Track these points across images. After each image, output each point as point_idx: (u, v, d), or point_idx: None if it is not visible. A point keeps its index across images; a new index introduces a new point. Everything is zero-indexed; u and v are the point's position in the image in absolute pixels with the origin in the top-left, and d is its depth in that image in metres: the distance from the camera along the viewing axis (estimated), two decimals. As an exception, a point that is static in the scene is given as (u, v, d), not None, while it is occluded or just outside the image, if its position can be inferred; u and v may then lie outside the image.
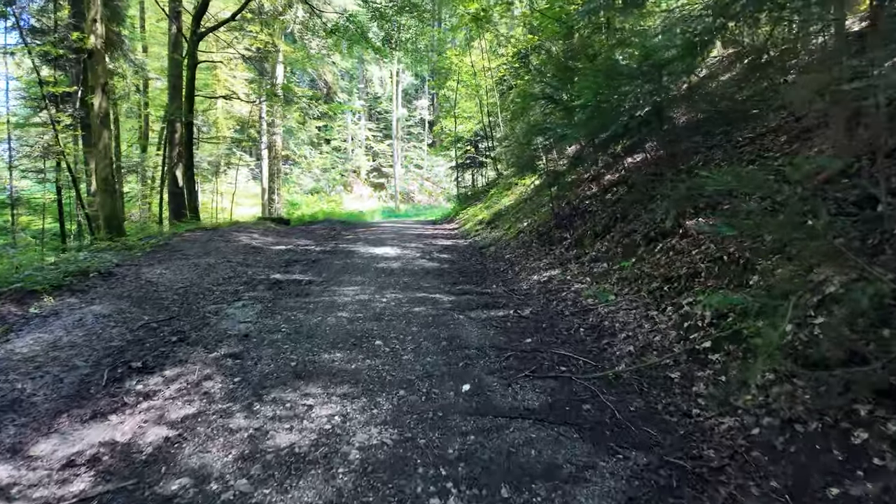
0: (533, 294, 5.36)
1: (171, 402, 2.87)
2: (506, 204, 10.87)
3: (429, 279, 6.26)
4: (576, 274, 5.51)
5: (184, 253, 7.26)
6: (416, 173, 38.10)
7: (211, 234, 9.34)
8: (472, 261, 7.61)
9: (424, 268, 6.98)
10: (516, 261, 6.96)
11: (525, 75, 10.21)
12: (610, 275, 5.05)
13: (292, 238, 10.03)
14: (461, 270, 6.84)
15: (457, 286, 5.91)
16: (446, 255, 8.11)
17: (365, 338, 3.94)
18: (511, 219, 9.44)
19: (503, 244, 8.23)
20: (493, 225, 10.05)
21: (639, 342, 3.65)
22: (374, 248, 8.66)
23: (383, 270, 6.72)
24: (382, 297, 5.31)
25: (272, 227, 11.27)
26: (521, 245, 7.66)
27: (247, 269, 6.55)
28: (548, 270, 5.96)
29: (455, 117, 18.25)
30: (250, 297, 5.26)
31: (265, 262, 7.19)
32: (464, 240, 10.04)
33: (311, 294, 5.41)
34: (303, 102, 19.04)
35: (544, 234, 7.44)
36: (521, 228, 8.37)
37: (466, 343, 3.85)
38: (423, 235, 11.07)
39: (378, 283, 5.99)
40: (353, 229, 12.70)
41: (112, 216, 12.29)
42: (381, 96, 38.44)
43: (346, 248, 8.82)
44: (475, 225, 11.13)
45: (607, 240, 5.84)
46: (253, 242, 8.84)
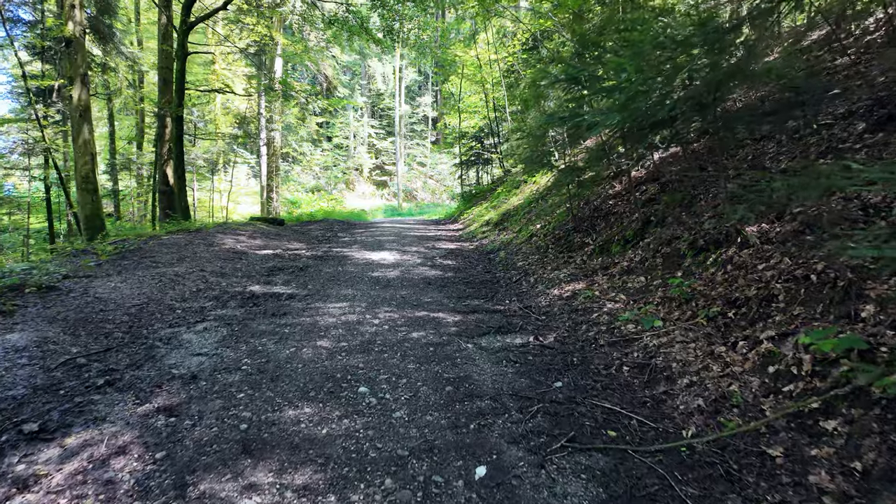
0: (555, 313, 4.41)
1: (53, 499, 1.94)
2: (515, 203, 9.91)
3: (431, 292, 5.32)
4: (605, 289, 4.55)
5: (154, 259, 6.35)
6: (420, 171, 37.14)
7: (193, 236, 8.43)
8: (479, 268, 6.66)
9: (426, 277, 6.04)
10: (531, 269, 6.01)
11: (535, 63, 9.23)
12: (650, 292, 4.09)
13: (283, 241, 9.11)
14: (468, 281, 5.91)
15: (463, 301, 4.97)
16: (450, 261, 7.17)
17: (346, 380, 3.00)
18: (521, 220, 8.49)
19: (514, 249, 7.28)
20: (501, 226, 9.10)
21: (709, 393, 2.70)
22: (371, 253, 7.72)
23: (378, 281, 5.79)
24: (375, 316, 4.37)
25: (263, 228, 10.35)
26: (535, 250, 6.71)
27: (221, 280, 5.63)
28: (570, 283, 5.00)
29: (459, 112, 17.29)
30: (216, 318, 4.33)
31: (245, 270, 6.27)
32: (469, 243, 9.10)
33: (289, 313, 4.48)
34: (301, 97, 18.08)
35: (561, 239, 6.49)
36: (533, 231, 7.42)
37: (478, 388, 2.91)
38: (426, 237, 10.13)
39: (371, 297, 5.05)
40: (351, 230, 11.77)
41: (93, 216, 11.41)
42: (384, 93, 37.44)
43: (339, 252, 7.89)
44: (482, 226, 10.18)
45: (641, 248, 4.88)
46: (237, 246, 7.92)
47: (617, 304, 4.14)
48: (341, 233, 11.04)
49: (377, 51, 29.55)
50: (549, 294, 4.96)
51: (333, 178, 30.54)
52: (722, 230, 4.05)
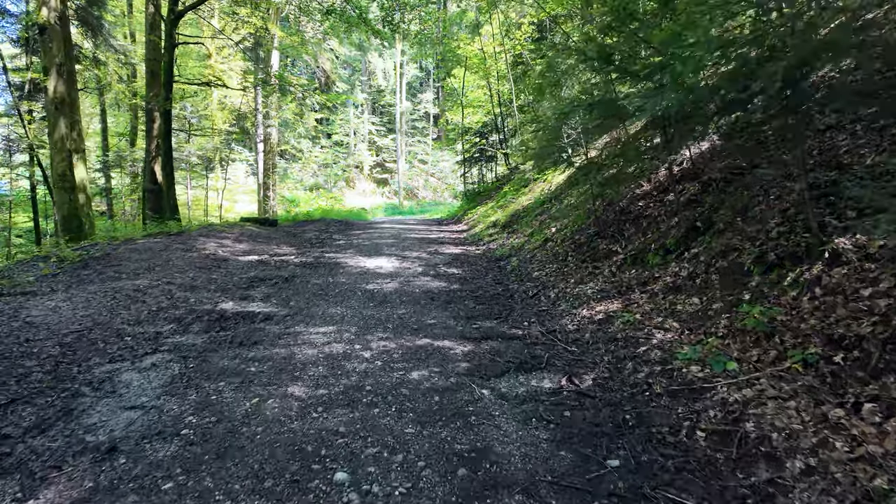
0: (588, 342, 3.54)
1: None
2: (524, 203, 9.04)
3: (434, 310, 4.45)
4: (648, 312, 3.68)
5: (118, 269, 5.50)
6: (421, 169, 36.24)
7: (173, 239, 7.58)
8: (488, 278, 5.79)
9: (428, 290, 5.17)
10: (550, 282, 5.14)
11: (546, 51, 8.34)
12: (710, 319, 3.23)
13: (271, 244, 8.25)
14: (477, 295, 5.04)
15: (473, 323, 4.11)
16: (456, 269, 6.30)
17: (319, 458, 2.14)
18: (533, 222, 7.61)
19: (527, 255, 6.41)
20: (510, 229, 8.23)
21: (842, 489, 1.83)
22: (367, 260, 6.85)
23: (374, 296, 4.92)
24: (366, 346, 3.51)
25: (252, 229, 9.49)
26: (552, 258, 5.84)
27: (190, 295, 4.77)
28: (601, 301, 4.14)
29: (462, 108, 16.38)
30: (172, 348, 3.48)
31: (221, 281, 5.41)
32: (475, 247, 8.22)
33: (262, 341, 3.62)
34: (298, 92, 17.18)
35: (583, 245, 5.62)
36: (548, 235, 6.54)
37: (504, 471, 2.05)
38: (428, 240, 9.26)
39: (363, 318, 4.19)
40: (347, 231, 10.90)
41: (71, 216, 10.57)
42: (385, 89, 36.50)
43: (332, 258, 7.02)
44: (488, 228, 9.31)
45: (688, 260, 4.01)
46: (219, 252, 7.07)
47: (668, 334, 3.27)
48: (337, 234, 10.17)
49: (377, 44, 28.65)
50: (576, 315, 4.09)
51: (333, 175, 29.65)
52: (800, 242, 3.18)
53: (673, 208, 4.88)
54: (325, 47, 19.54)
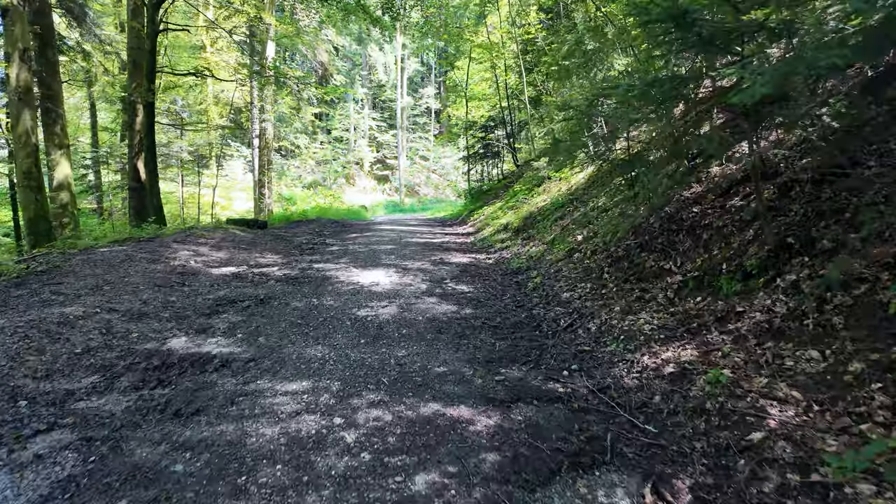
0: (661, 411, 2.49)
1: None
2: (538, 205, 7.96)
3: (443, 349, 3.40)
4: (741, 365, 2.62)
5: (58, 288, 4.44)
6: (422, 165, 35.12)
7: (141, 247, 6.53)
8: (506, 300, 4.73)
9: (435, 317, 4.11)
10: (586, 308, 4.07)
11: (566, 32, 7.24)
12: (853, 388, 2.17)
13: (254, 252, 7.18)
14: (496, 324, 3.98)
15: (496, 371, 3.05)
16: (466, 285, 5.23)
17: None
18: (553, 227, 6.55)
19: (550, 269, 5.34)
20: (525, 234, 7.16)
21: None
22: (362, 273, 5.79)
23: (366, 327, 3.86)
24: (350, 420, 2.45)
25: (236, 233, 8.43)
26: (583, 274, 4.77)
27: (134, 327, 3.71)
28: (666, 344, 3.07)
29: (467, 101, 15.26)
30: (78, 421, 2.43)
31: (180, 305, 4.35)
32: (486, 254, 7.15)
33: (207, 409, 2.57)
34: (293, 84, 16.06)
35: (623, 260, 4.54)
36: (574, 245, 5.48)
37: None
38: (431, 245, 8.19)
39: (350, 364, 3.13)
40: (344, 234, 9.84)
41: (38, 218, 9.45)
42: (386, 84, 35.29)
43: (321, 270, 5.96)
44: (498, 232, 8.24)
45: (784, 290, 2.94)
46: (191, 262, 6.01)
47: (789, 410, 2.21)
48: (331, 238, 9.11)
49: (376, 36, 27.45)
50: (633, 362, 3.03)
51: (333, 172, 28.54)
52: None
53: (743, 217, 3.81)
54: (323, 37, 18.40)
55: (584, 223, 5.85)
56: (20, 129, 9.33)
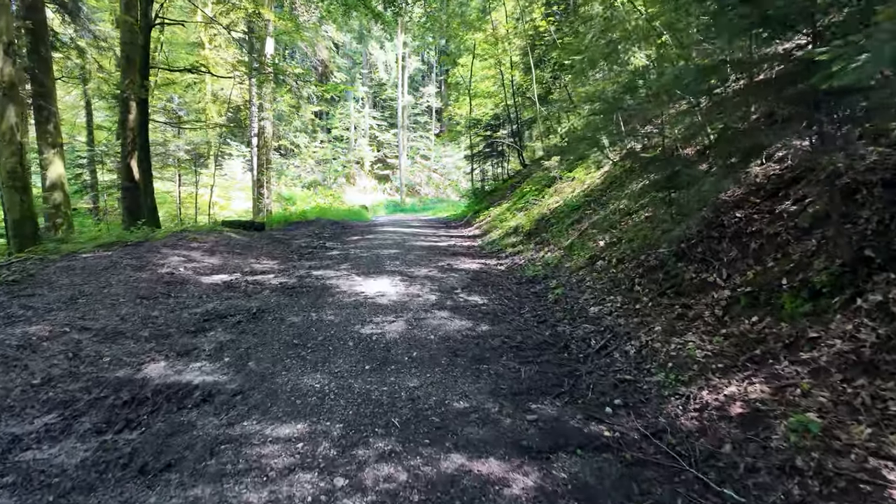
0: (737, 467, 2.01)
1: None
2: (551, 206, 7.48)
3: (462, 378, 2.91)
4: (830, 407, 2.14)
5: (29, 301, 3.96)
6: (423, 165, 34.60)
7: (128, 252, 6.05)
8: (526, 313, 4.24)
9: (448, 335, 3.63)
10: (620, 326, 3.59)
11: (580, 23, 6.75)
12: None
13: (249, 257, 6.69)
14: (518, 344, 3.49)
15: (527, 407, 2.57)
16: (480, 296, 4.74)
17: None
18: (570, 231, 6.06)
19: (572, 278, 4.85)
20: (538, 238, 6.67)
21: None
22: (365, 281, 5.30)
23: (371, 348, 3.37)
24: (355, 481, 1.96)
25: (231, 236, 7.94)
26: (611, 285, 4.28)
27: (106, 350, 3.23)
28: (727, 375, 2.59)
29: (470, 98, 14.75)
30: (15, 482, 1.95)
31: (163, 321, 3.87)
32: (496, 259, 6.67)
33: (180, 462, 2.08)
34: (291, 81, 15.54)
35: (656, 270, 4.06)
36: (596, 251, 5.00)
37: None
38: (438, 249, 7.71)
39: (354, 400, 2.64)
40: (344, 236, 9.36)
41: (24, 220, 8.94)
42: (386, 82, 34.76)
43: (321, 278, 5.47)
44: (507, 234, 7.75)
45: (869, 312, 2.45)
46: (180, 269, 5.52)
47: (915, 477, 1.73)
48: (332, 241, 8.62)
49: (377, 33, 26.96)
50: (688, 397, 2.55)
51: (333, 171, 28.03)
52: None
53: (798, 224, 3.33)
54: (323, 34, 17.89)
55: (605, 227, 5.36)
56: (4, 127, 8.82)
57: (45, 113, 11.64)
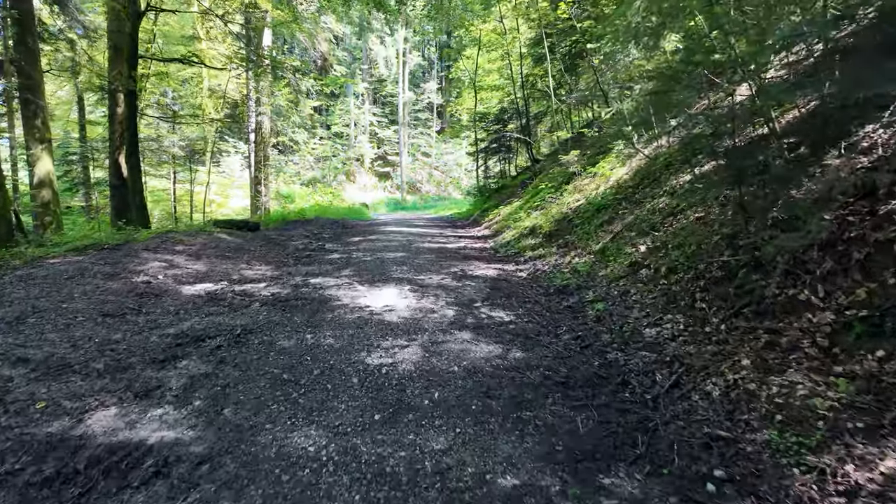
0: None
1: None
2: (572, 205, 6.74)
3: (501, 434, 2.19)
4: None
5: (-37, 322, 3.22)
6: (424, 162, 33.81)
7: (102, 257, 5.32)
8: (564, 334, 3.51)
9: (475, 366, 2.90)
10: (689, 355, 2.86)
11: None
12: None
13: (240, 261, 5.96)
14: (564, 379, 2.76)
15: (598, 485, 1.84)
16: (504, 311, 4.01)
17: None
18: (600, 234, 5.33)
19: (612, 289, 4.12)
20: (561, 241, 5.94)
21: None
22: (369, 292, 4.57)
23: (381, 385, 2.64)
24: None
25: (222, 237, 7.20)
26: (664, 301, 3.55)
27: (42, 391, 2.50)
28: (877, 441, 1.87)
29: (476, 90, 13.97)
30: None
31: (126, 346, 3.13)
32: (515, 265, 5.93)
33: None
34: (290, 74, 14.77)
35: (723, 282, 3.33)
36: (638, 257, 4.27)
37: None
38: (447, 252, 6.98)
39: (361, 470, 1.91)
40: (345, 237, 8.63)
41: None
42: (387, 78, 33.92)
43: (319, 287, 4.74)
44: (524, 236, 7.02)
45: None
46: (158, 277, 4.79)
47: None
48: (331, 242, 7.89)
49: (377, 25, 26.14)
50: (824, 473, 1.82)
51: (333, 169, 27.24)
52: None
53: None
54: (322, 25, 17.11)
55: (644, 230, 4.63)
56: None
57: (32, 107, 10.90)
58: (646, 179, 5.74)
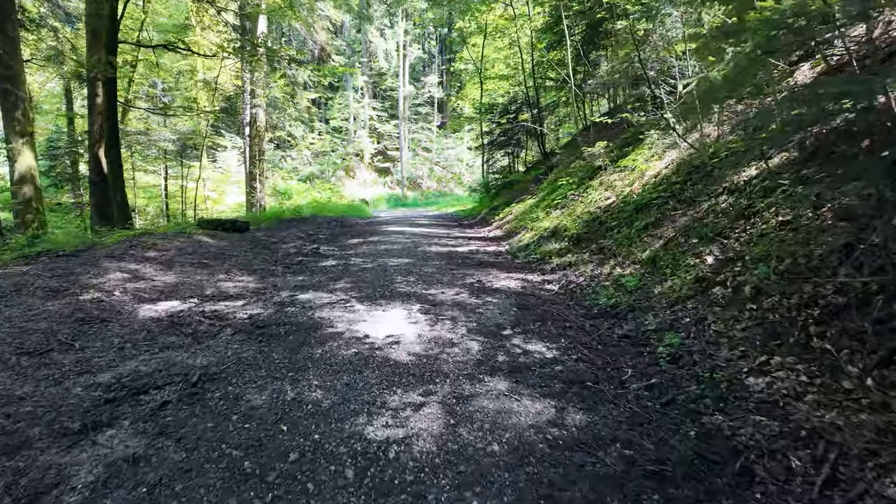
0: None
1: None
2: (601, 203, 5.82)
3: None
4: None
5: None
6: (425, 157, 32.79)
7: (52, 267, 4.39)
8: (632, 381, 2.59)
9: (520, 442, 1.99)
10: (833, 428, 1.95)
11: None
12: None
13: (219, 270, 5.03)
14: (651, 460, 1.86)
15: None
16: (543, 343, 3.10)
17: None
18: (645, 238, 4.41)
19: (678, 312, 3.20)
20: (595, 247, 5.02)
21: None
22: (369, 314, 3.65)
23: (389, 488, 1.73)
24: None
25: (203, 240, 6.27)
26: (763, 335, 2.63)
27: None
28: None
29: (482, 80, 12.98)
30: None
31: (31, 407, 2.21)
32: (541, 274, 5.01)
33: None
34: (286, 63, 13.76)
35: (846, 313, 2.42)
36: (706, 273, 3.35)
37: None
38: (458, 257, 6.06)
39: None
40: (342, 238, 7.71)
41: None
42: (387, 72, 32.80)
43: (308, 306, 3.82)
44: (545, 239, 6.09)
45: None
46: (114, 294, 3.86)
47: None
48: (327, 245, 6.96)
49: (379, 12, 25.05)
50: None
51: (332, 164, 26.22)
52: None
53: None
54: (319, 13, 16.08)
55: (706, 235, 3.71)
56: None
57: (12, 98, 9.90)
58: (693, 174, 4.82)
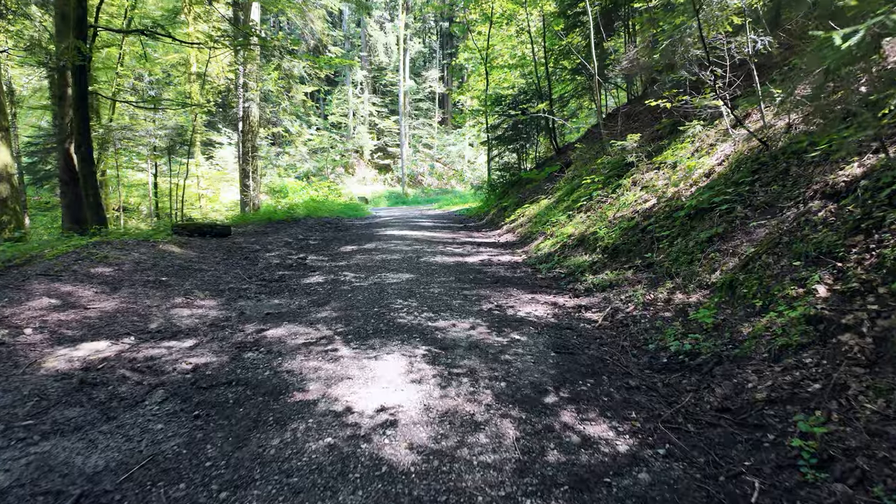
0: None
1: None
2: (638, 207, 4.80)
3: None
4: None
5: None
6: (426, 153, 31.68)
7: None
8: None
9: None
10: None
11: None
12: None
13: (177, 291, 4.01)
14: None
15: None
16: (607, 421, 2.10)
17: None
18: (711, 255, 3.39)
19: (789, 367, 2.20)
20: (639, 262, 3.99)
21: None
22: (355, 365, 2.64)
23: None
24: None
25: (171, 250, 5.26)
26: None
27: None
28: None
29: (487, 70, 11.89)
30: None
31: None
32: (573, 296, 3.99)
33: None
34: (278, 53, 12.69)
35: None
36: (823, 310, 2.34)
37: None
38: (468, 270, 5.04)
39: None
40: (335, 245, 6.69)
41: None
42: (387, 66, 31.63)
43: (276, 352, 2.81)
44: (572, 249, 5.07)
45: None
46: (24, 331, 2.85)
47: None
48: (317, 253, 5.95)
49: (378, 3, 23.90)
50: None
51: (331, 161, 25.14)
52: None
53: None
54: (315, 2, 15.00)
55: (809, 254, 2.70)
56: None
57: None
58: (761, 172, 3.80)
